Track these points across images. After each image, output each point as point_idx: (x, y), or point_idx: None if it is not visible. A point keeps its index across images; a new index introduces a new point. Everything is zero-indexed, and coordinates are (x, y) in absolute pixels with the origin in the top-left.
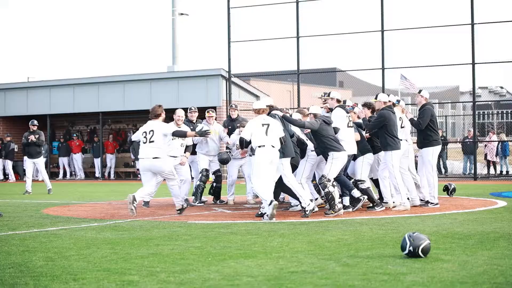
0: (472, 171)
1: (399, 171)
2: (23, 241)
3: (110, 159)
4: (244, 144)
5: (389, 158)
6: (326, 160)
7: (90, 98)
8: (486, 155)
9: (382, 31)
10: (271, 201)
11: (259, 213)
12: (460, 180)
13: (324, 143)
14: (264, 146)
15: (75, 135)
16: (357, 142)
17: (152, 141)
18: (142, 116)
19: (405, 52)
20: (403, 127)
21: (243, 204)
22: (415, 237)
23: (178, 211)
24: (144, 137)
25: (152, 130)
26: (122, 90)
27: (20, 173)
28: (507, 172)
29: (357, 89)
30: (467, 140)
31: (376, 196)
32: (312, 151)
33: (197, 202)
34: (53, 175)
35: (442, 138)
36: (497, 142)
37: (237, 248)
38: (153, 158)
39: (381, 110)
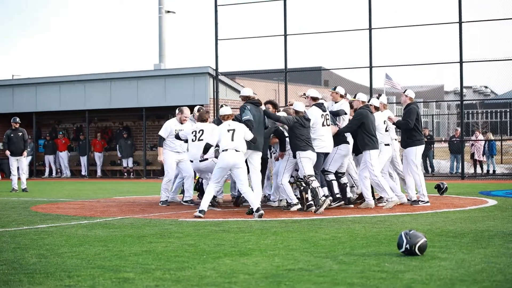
0: (459, 170)
1: (378, 170)
2: (14, 238)
3: (99, 157)
4: (207, 150)
5: (368, 157)
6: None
7: (76, 96)
8: (473, 154)
9: (370, 29)
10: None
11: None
12: (448, 179)
13: (293, 142)
14: (227, 150)
15: (61, 133)
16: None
17: (201, 140)
18: (129, 114)
19: (391, 51)
20: (387, 130)
21: (231, 203)
22: (411, 235)
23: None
24: (194, 135)
25: (202, 130)
26: (108, 88)
27: (5, 171)
28: (494, 171)
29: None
30: (454, 139)
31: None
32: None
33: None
34: (39, 173)
35: (429, 137)
36: (484, 142)
37: (231, 246)
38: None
39: (358, 109)
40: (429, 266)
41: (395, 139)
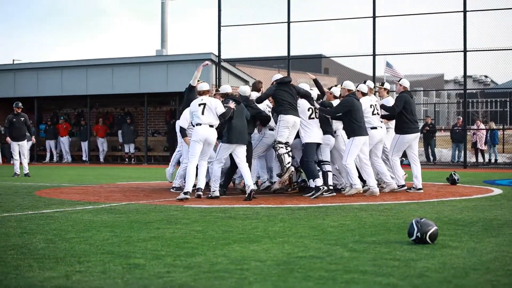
0: (461, 159)
1: (353, 157)
2: (20, 223)
3: (102, 143)
4: (184, 132)
5: (351, 143)
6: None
7: (78, 81)
8: (475, 143)
9: (374, 17)
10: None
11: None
12: (450, 168)
13: (276, 108)
14: (200, 124)
15: (62, 118)
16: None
17: None
18: (130, 100)
19: (392, 39)
20: (374, 114)
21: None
22: (422, 223)
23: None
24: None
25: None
26: (110, 73)
27: (7, 156)
28: (496, 160)
29: (342, 76)
30: (456, 128)
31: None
32: (270, 130)
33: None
34: (40, 158)
35: (431, 125)
36: (486, 131)
37: (240, 233)
38: None
39: (345, 96)
40: (440, 254)
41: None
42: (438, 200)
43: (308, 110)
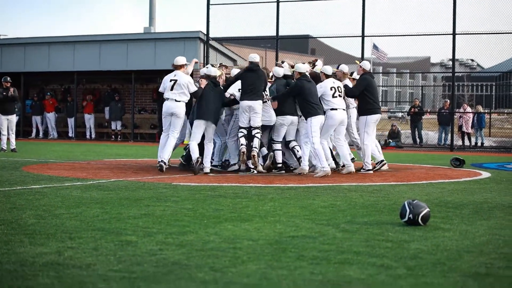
0: (447, 142)
1: (318, 137)
2: (9, 198)
3: (89, 119)
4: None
5: (310, 124)
6: None
7: (65, 57)
8: (460, 126)
9: None
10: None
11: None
12: (436, 150)
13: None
14: (168, 99)
15: (48, 93)
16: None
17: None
18: (117, 76)
19: (380, 21)
20: (335, 96)
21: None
22: (415, 204)
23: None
24: None
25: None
26: (98, 50)
27: None
28: (482, 144)
29: (329, 57)
30: (443, 111)
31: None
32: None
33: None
34: (25, 134)
35: (419, 108)
36: (473, 114)
37: (230, 211)
38: None
39: (296, 79)
40: (433, 236)
41: (354, 107)
42: (427, 182)
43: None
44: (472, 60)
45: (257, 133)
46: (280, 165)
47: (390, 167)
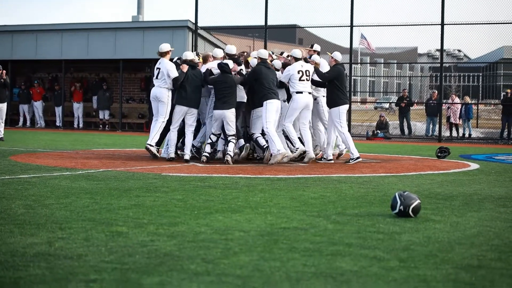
0: (435, 133)
1: (272, 123)
2: None
3: (77, 108)
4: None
5: (264, 108)
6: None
7: (53, 45)
8: (448, 117)
9: None
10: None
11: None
12: (424, 141)
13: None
14: (154, 86)
15: (36, 82)
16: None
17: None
18: (105, 65)
19: (368, 11)
20: (302, 80)
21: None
22: (406, 196)
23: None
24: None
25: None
26: (86, 38)
27: None
28: (470, 135)
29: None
30: (431, 101)
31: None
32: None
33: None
34: (12, 122)
35: (408, 99)
36: (461, 105)
37: (221, 202)
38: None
39: (255, 66)
40: (424, 228)
41: (323, 96)
42: (416, 174)
43: None
44: (459, 51)
45: (232, 138)
46: (265, 146)
47: (379, 158)
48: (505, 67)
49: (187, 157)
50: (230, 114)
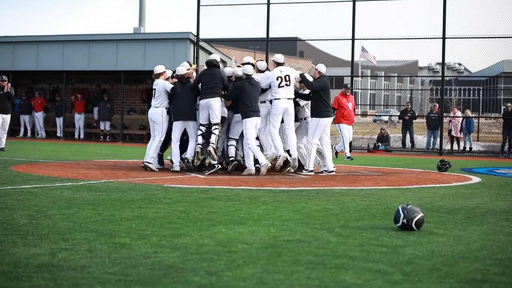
0: (436, 146)
1: (253, 137)
2: None
3: (79, 118)
4: None
5: (244, 125)
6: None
7: (54, 56)
8: (450, 130)
9: (354, 0)
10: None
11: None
12: (425, 154)
13: None
14: (151, 106)
15: (37, 92)
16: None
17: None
18: (107, 77)
19: (370, 24)
20: (281, 86)
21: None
22: (409, 209)
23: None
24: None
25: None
26: (87, 49)
27: None
28: (471, 148)
29: (317, 59)
30: (432, 115)
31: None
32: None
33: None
34: (13, 133)
35: (412, 112)
36: (462, 118)
37: (223, 214)
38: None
39: (239, 82)
40: (427, 241)
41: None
42: (418, 187)
43: None
44: (460, 64)
45: (215, 129)
46: (232, 159)
47: (380, 171)
48: (505, 81)
49: (176, 168)
50: (215, 102)
